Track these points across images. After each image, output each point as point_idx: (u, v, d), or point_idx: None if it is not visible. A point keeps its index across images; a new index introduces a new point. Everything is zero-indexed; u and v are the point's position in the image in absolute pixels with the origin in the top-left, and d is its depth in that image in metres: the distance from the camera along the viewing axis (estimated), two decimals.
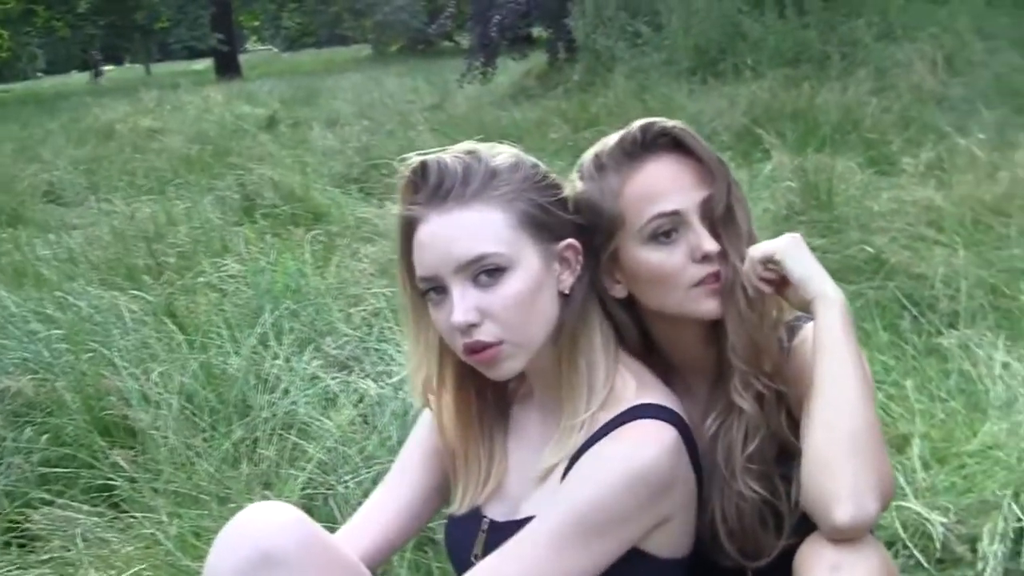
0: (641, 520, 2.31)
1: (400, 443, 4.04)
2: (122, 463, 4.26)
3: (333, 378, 4.80)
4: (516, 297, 2.30)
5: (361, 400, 4.60)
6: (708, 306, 2.49)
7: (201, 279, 6.32)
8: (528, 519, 2.37)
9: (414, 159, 2.36)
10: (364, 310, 5.49)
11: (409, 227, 2.35)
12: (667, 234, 2.47)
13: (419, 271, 2.33)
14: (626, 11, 16.81)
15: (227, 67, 43.11)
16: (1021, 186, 6.89)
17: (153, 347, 5.29)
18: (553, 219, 2.39)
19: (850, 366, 2.29)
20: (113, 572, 3.65)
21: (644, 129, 2.51)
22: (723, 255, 2.47)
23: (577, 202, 2.54)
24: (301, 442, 4.36)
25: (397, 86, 22.40)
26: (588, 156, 2.59)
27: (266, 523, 2.36)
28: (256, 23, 73.51)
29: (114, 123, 19.23)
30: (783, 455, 2.49)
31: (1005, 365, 4.38)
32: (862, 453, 2.19)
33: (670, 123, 2.52)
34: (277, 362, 4.91)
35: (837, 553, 2.16)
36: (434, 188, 2.31)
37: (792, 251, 2.40)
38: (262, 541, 2.31)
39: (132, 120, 19.33)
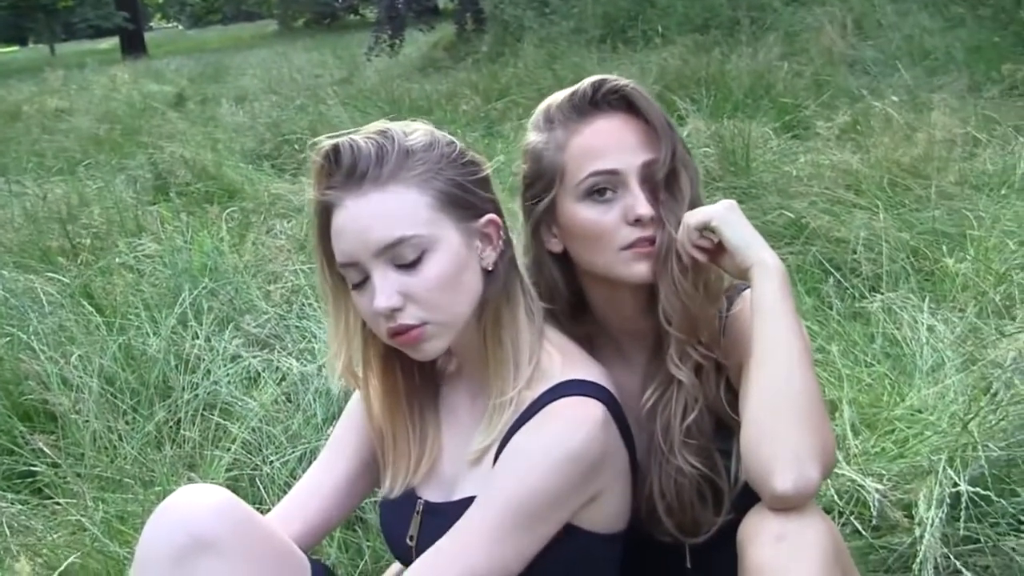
0: (575, 499, 2.31)
1: (325, 422, 4.06)
2: (44, 447, 4.19)
3: (254, 357, 4.75)
4: (438, 278, 2.28)
5: (284, 379, 4.55)
6: (637, 270, 2.48)
7: (117, 260, 6.25)
8: (463, 500, 2.38)
9: (325, 142, 2.32)
10: (283, 287, 5.44)
11: (325, 213, 2.32)
12: (602, 192, 2.46)
13: (338, 257, 2.31)
14: None
15: (133, 46, 42.65)
16: (937, 148, 6.92)
17: (71, 330, 5.21)
18: (472, 196, 2.36)
19: (789, 333, 2.27)
20: (41, 560, 3.60)
21: (595, 86, 2.50)
22: (659, 221, 2.45)
23: (524, 152, 2.57)
24: (224, 422, 4.31)
25: (305, 61, 22.27)
26: (540, 108, 2.59)
27: (197, 506, 2.33)
28: (160, 1, 72.89)
29: (20, 104, 18.97)
30: (722, 429, 2.48)
31: (930, 328, 4.38)
32: (802, 420, 2.17)
33: (622, 82, 2.51)
34: (197, 342, 4.85)
35: (781, 523, 2.13)
36: (348, 172, 2.27)
37: (728, 217, 2.38)
38: (193, 525, 2.28)
39: (39, 101, 19.05)
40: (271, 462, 4.02)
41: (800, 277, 5.37)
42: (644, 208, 2.43)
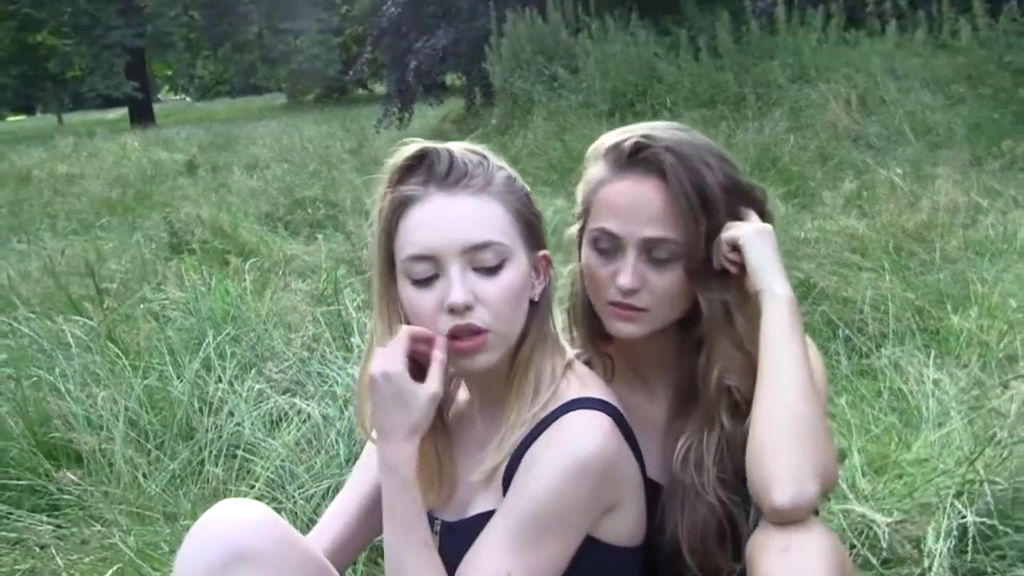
0: (591, 509, 2.38)
1: (348, 461, 4.12)
2: (72, 477, 4.27)
3: (276, 403, 4.83)
4: (511, 289, 2.36)
5: (307, 420, 4.63)
6: (615, 326, 2.61)
7: (142, 306, 6.35)
8: (477, 516, 2.45)
9: (413, 144, 2.41)
10: (304, 336, 5.53)
11: (402, 207, 2.38)
12: (603, 250, 2.58)
13: (412, 250, 2.36)
14: (543, 55, 16.95)
15: (142, 115, 42.79)
16: (942, 214, 7.03)
17: (96, 372, 5.30)
18: (537, 229, 2.46)
19: (793, 359, 2.39)
20: None
21: (637, 146, 2.55)
22: (643, 299, 2.56)
23: (583, 173, 2.67)
24: (251, 457, 4.40)
25: (315, 132, 22.32)
26: (605, 139, 2.66)
27: (237, 520, 2.42)
28: (169, 72, 73.05)
29: (31, 168, 19.08)
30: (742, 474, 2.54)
31: (936, 381, 4.47)
32: (802, 439, 2.28)
33: (664, 153, 2.52)
34: (221, 385, 4.94)
35: (786, 536, 2.23)
36: (442, 173, 2.36)
37: (753, 239, 2.50)
38: (234, 538, 2.36)
39: (49, 166, 19.16)
40: (294, 499, 4.09)
41: (809, 335, 5.43)
42: (626, 280, 2.53)
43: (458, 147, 2.41)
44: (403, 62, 21.69)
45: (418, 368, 2.37)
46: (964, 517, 3.23)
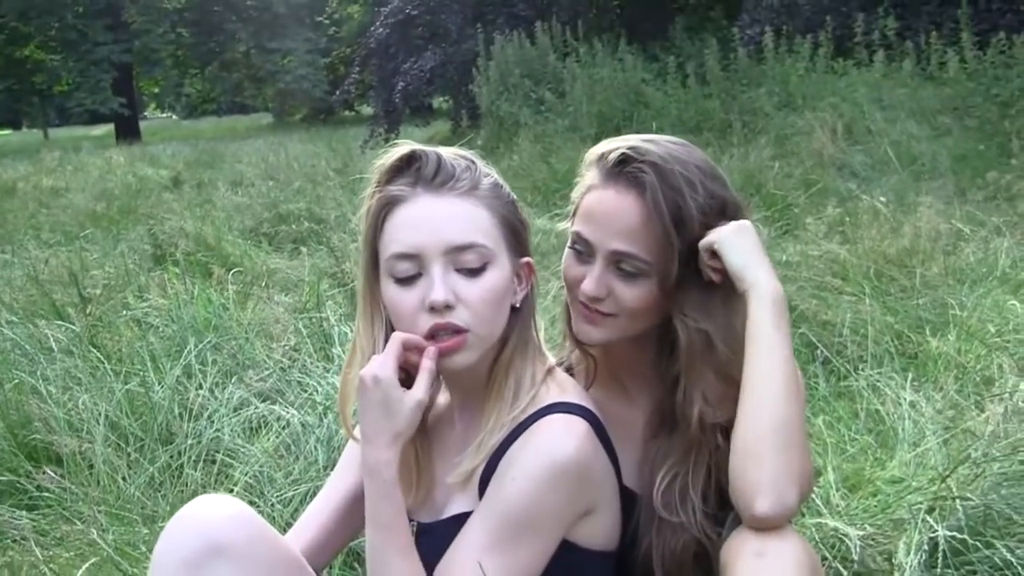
0: (568, 511, 2.41)
1: (326, 468, 4.14)
2: (52, 474, 4.28)
3: (256, 410, 4.84)
4: (492, 292, 2.40)
5: (286, 427, 4.64)
6: (579, 326, 2.66)
7: (125, 313, 6.36)
8: (451, 518, 2.49)
9: (402, 147, 2.45)
10: (285, 345, 5.54)
11: (388, 206, 2.42)
12: (578, 252, 2.62)
13: (397, 248, 2.39)
14: (530, 78, 17.06)
15: (128, 131, 42.79)
16: (924, 241, 7.05)
17: (78, 376, 5.31)
18: (522, 236, 2.50)
19: (778, 360, 2.40)
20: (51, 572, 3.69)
21: (623, 159, 2.57)
22: (608, 305, 2.60)
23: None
24: (230, 461, 4.41)
25: (301, 151, 22.31)
26: (599, 146, 2.69)
27: (214, 514, 2.44)
28: (156, 90, 73.14)
29: (16, 181, 19.07)
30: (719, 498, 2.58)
31: (912, 403, 4.48)
32: (784, 446, 2.31)
33: (648, 170, 2.53)
34: (202, 392, 4.95)
35: (761, 541, 2.27)
36: (430, 175, 2.40)
37: (731, 240, 2.50)
38: (210, 532, 2.38)
39: (34, 179, 19.19)
40: (272, 504, 4.10)
41: None
42: (589, 287, 2.58)
43: (447, 151, 2.46)
44: (390, 83, 21.86)
45: (405, 375, 2.41)
46: (935, 532, 3.25)
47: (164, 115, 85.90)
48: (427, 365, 2.38)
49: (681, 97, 15.24)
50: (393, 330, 2.47)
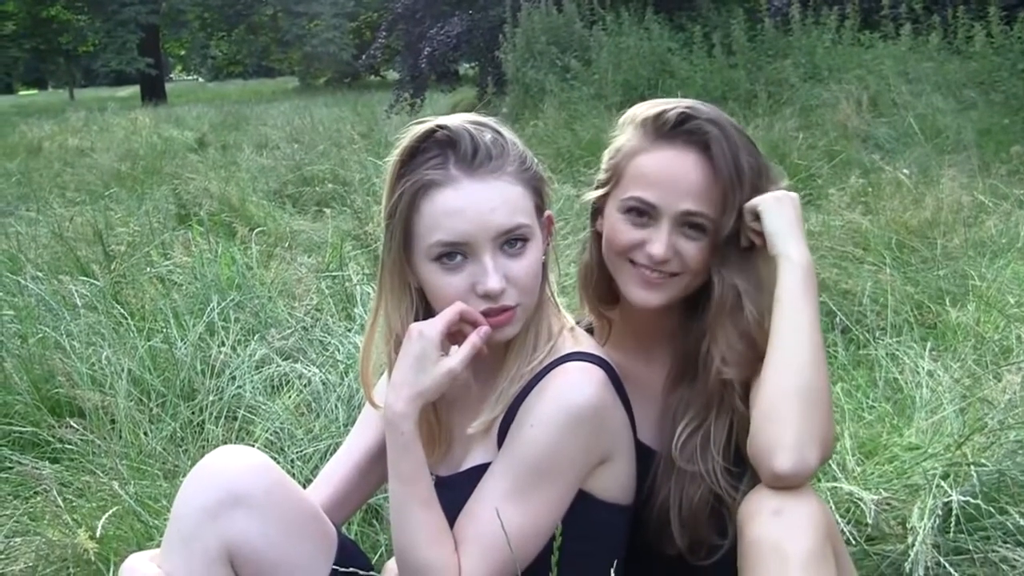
0: (585, 457, 2.45)
1: (346, 424, 4.17)
2: (75, 426, 4.32)
3: (278, 367, 4.89)
4: (534, 265, 2.44)
5: (308, 385, 4.69)
6: (635, 293, 2.66)
7: (148, 270, 6.40)
8: (470, 469, 2.54)
9: (426, 124, 2.45)
10: (307, 305, 5.58)
11: (424, 188, 2.41)
12: (635, 217, 2.63)
13: (442, 235, 2.39)
14: (556, 46, 16.99)
15: (153, 93, 42.89)
16: (945, 213, 7.06)
17: (101, 331, 5.35)
18: (543, 195, 2.53)
19: (805, 326, 2.44)
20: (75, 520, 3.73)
21: (683, 117, 2.60)
22: (678, 266, 2.62)
23: (612, 137, 2.73)
24: (249, 420, 4.45)
25: (326, 115, 22.28)
26: (638, 111, 2.71)
27: (234, 465, 2.48)
28: (183, 52, 73.17)
29: (42, 140, 19.13)
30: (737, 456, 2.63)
31: (930, 372, 4.50)
32: (809, 407, 2.34)
33: (709, 126, 2.58)
34: (224, 349, 5.00)
35: (779, 499, 2.30)
36: (466, 156, 2.40)
37: (773, 206, 2.54)
38: (230, 481, 2.43)
39: (60, 139, 19.24)
40: (292, 460, 4.15)
41: None
42: (659, 249, 2.59)
43: (471, 124, 2.44)
44: (417, 48, 21.85)
45: (448, 342, 2.44)
46: (949, 497, 3.27)
47: (190, 77, 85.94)
48: (475, 340, 2.41)
49: (707, 67, 15.17)
50: (426, 308, 2.52)
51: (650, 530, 2.68)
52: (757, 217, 2.56)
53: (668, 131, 2.61)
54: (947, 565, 3.14)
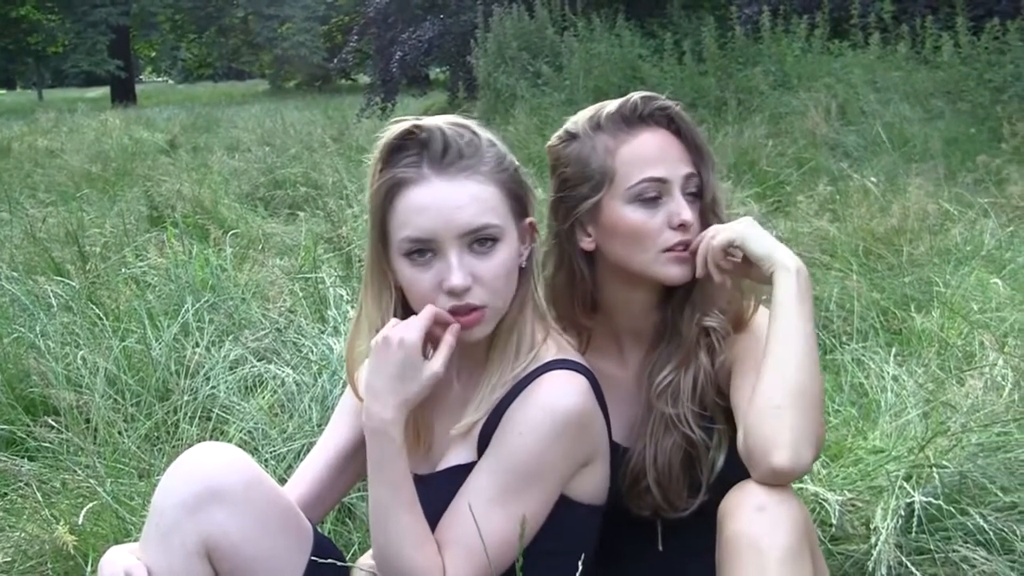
0: (569, 463, 2.51)
1: (320, 424, 4.21)
2: (52, 423, 4.35)
3: (252, 368, 4.93)
4: (503, 266, 2.47)
5: (282, 386, 4.72)
6: (672, 271, 2.72)
7: (123, 271, 6.43)
8: (447, 469, 2.59)
9: (405, 123, 2.49)
10: (281, 307, 5.62)
11: (396, 186, 2.47)
12: (651, 197, 2.70)
13: (412, 232, 2.44)
14: (528, 51, 17.05)
15: (124, 95, 42.81)
16: (912, 220, 7.13)
17: (76, 332, 5.39)
18: (523, 198, 2.56)
19: (801, 328, 2.51)
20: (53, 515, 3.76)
21: (646, 100, 2.74)
22: (697, 227, 2.70)
23: (565, 156, 2.79)
24: (226, 417, 4.50)
25: (297, 118, 22.24)
26: (583, 116, 2.80)
27: (212, 460, 2.52)
28: (153, 54, 72.95)
29: (10, 141, 19.02)
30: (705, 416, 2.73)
31: (895, 378, 4.56)
32: (805, 407, 2.41)
33: (669, 102, 2.75)
34: (198, 350, 5.03)
35: (764, 496, 2.36)
36: (438, 154, 2.44)
37: (749, 232, 2.63)
38: (208, 477, 2.47)
39: (29, 139, 19.11)
40: (266, 460, 4.18)
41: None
42: (687, 214, 2.68)
43: (448, 123, 2.48)
44: (388, 53, 21.92)
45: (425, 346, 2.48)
46: (912, 498, 3.35)
47: (160, 79, 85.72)
48: (449, 340, 2.46)
49: (677, 74, 15.24)
50: (403, 302, 2.55)
51: (624, 489, 2.75)
52: (728, 252, 2.65)
53: (637, 117, 2.73)
54: (909, 565, 3.21)
